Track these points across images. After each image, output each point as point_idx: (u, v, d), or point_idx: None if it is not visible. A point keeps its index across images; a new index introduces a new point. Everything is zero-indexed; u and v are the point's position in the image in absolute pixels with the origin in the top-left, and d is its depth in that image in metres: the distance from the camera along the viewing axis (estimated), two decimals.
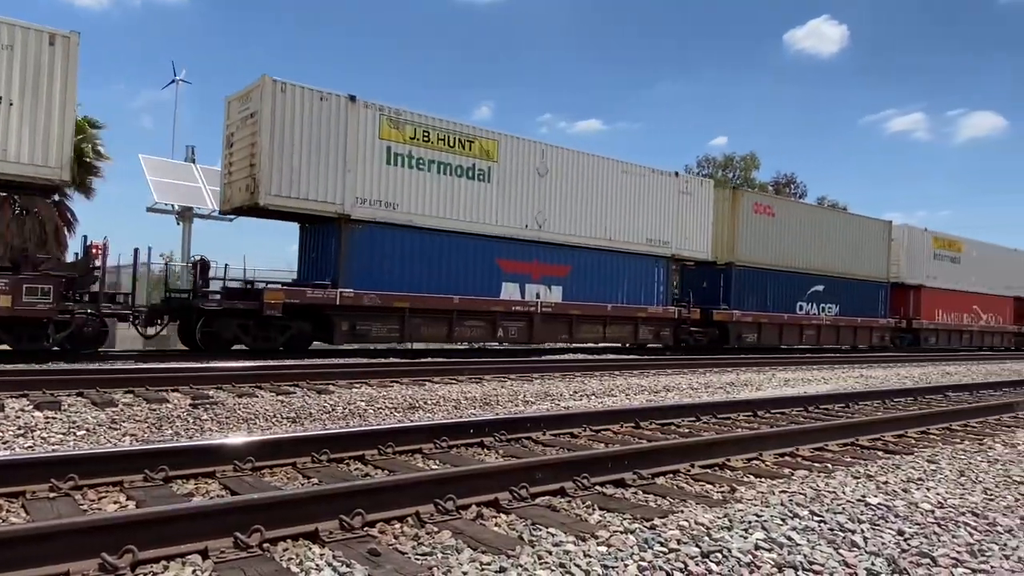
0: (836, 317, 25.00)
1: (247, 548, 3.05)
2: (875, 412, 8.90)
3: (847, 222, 26.64)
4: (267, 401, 7.67)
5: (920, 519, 3.79)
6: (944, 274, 29.88)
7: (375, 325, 14.85)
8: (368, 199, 14.71)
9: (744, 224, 22.11)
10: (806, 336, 24.03)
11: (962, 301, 30.86)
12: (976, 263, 31.55)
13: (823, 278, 24.56)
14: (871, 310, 26.58)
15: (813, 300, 24.21)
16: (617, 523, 3.64)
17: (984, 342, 32.56)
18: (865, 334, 26.47)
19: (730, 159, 49.68)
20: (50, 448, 5.20)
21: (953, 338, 30.75)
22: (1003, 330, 33.73)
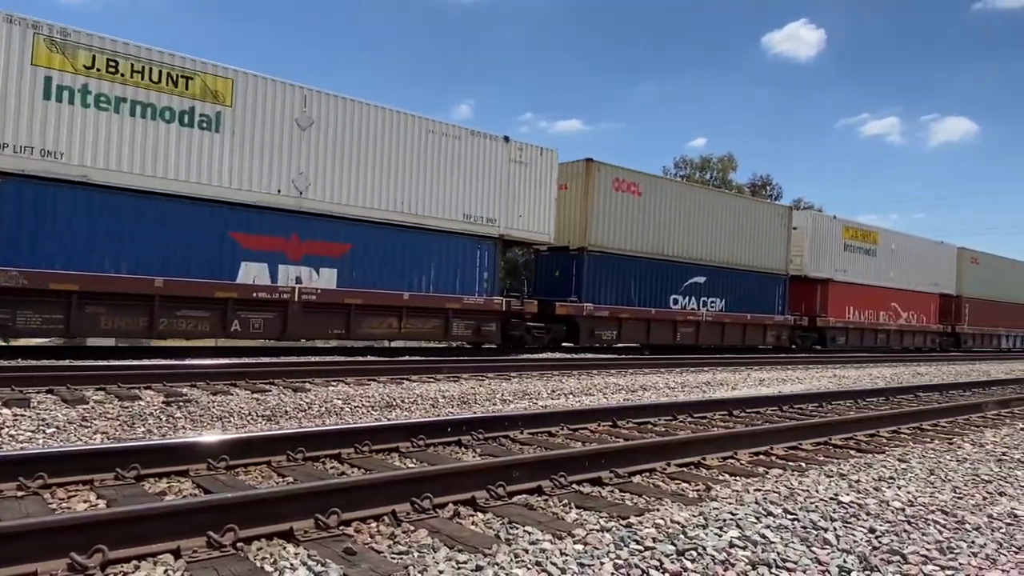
0: (720, 313, 21.69)
1: (220, 547, 3.01)
2: (848, 412, 9.02)
3: (737, 206, 22.86)
4: (242, 399, 7.59)
5: (891, 517, 3.85)
6: (857, 267, 26.81)
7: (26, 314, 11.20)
8: (12, 144, 10.98)
9: (600, 202, 18.68)
10: (682, 334, 20.71)
11: (878, 297, 28.05)
12: (895, 256, 28.80)
13: (705, 268, 21.37)
14: (765, 306, 23.28)
15: (692, 293, 21.07)
16: (593, 521, 3.66)
17: (904, 342, 29.86)
18: (757, 332, 23.09)
19: (707, 160, 50.11)
20: (18, 446, 5.10)
21: (867, 337, 27.75)
22: (926, 330, 30.95)
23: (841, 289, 26.28)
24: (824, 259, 25.72)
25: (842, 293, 26.38)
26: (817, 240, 25.38)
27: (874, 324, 28.15)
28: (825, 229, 25.95)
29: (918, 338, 30.52)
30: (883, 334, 28.61)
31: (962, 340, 32.80)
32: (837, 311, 26.22)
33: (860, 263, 27.14)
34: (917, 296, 30.28)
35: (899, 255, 29.03)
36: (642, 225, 19.63)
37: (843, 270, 26.30)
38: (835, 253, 26.02)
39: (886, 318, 28.70)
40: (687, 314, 20.84)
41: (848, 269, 26.47)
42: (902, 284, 29.24)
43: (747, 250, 22.70)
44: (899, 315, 29.32)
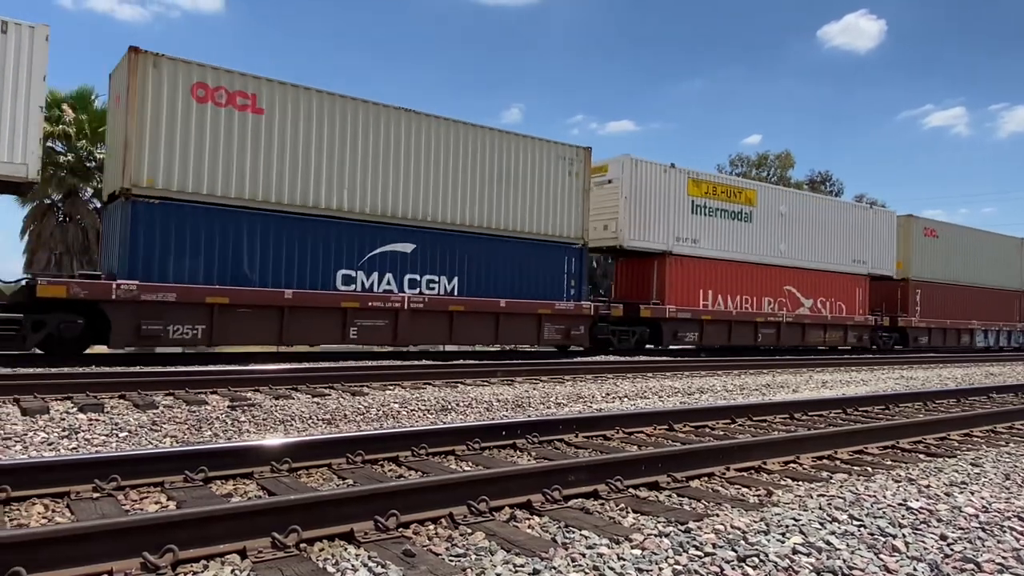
0: (445, 298, 15.34)
1: (284, 548, 3.09)
2: (916, 414, 8.70)
3: (487, 141, 16.20)
4: (303, 403, 7.77)
5: (964, 523, 3.70)
6: (716, 237, 20.42)
7: None
8: None
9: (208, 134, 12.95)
10: (356, 333, 14.24)
11: (760, 279, 21.44)
12: (788, 224, 22.26)
13: (413, 231, 15.06)
14: (541, 289, 16.86)
15: (384, 267, 14.71)
16: (651, 526, 3.62)
17: (810, 339, 22.87)
18: (528, 326, 16.50)
19: (764, 157, 49.08)
20: (93, 449, 5.33)
21: (739, 332, 20.84)
22: (847, 322, 23.77)
23: (689, 266, 19.85)
24: (657, 224, 19.30)
25: (690, 272, 19.88)
26: (643, 198, 19.04)
27: (750, 314, 21.10)
28: (657, 183, 19.35)
29: (833, 333, 23.64)
30: (768, 328, 21.56)
31: (911, 337, 26.13)
32: (681, 296, 19.60)
33: (724, 231, 20.68)
34: (831, 278, 23.55)
35: (796, 222, 22.49)
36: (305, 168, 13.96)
37: (691, 240, 19.84)
38: (677, 216, 19.67)
39: (775, 307, 21.83)
40: (375, 298, 14.44)
41: (701, 239, 20.02)
42: (803, 261, 22.61)
43: (512, 208, 16.62)
44: (798, 303, 22.44)
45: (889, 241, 25.59)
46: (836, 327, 23.81)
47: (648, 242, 19.37)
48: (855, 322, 24.37)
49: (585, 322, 17.69)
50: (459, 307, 15.67)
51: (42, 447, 5.31)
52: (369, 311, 14.49)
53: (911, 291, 26.25)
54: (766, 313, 21.77)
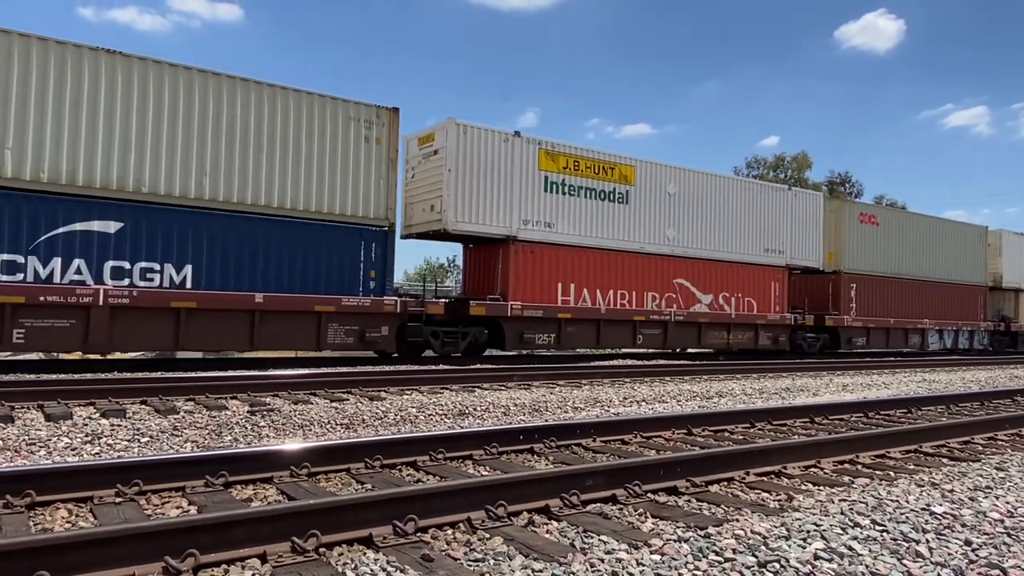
0: (168, 292, 12.21)
1: (304, 552, 3.11)
2: (939, 418, 8.59)
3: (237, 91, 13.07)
4: (322, 408, 7.82)
5: (989, 529, 3.64)
6: (580, 220, 17.32)
7: None
8: None
9: None
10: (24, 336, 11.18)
11: (641, 270, 18.33)
12: (679, 206, 19.10)
13: (119, 205, 11.95)
14: (339, 280, 14.11)
15: (76, 252, 11.63)
16: (670, 531, 3.60)
17: (709, 341, 19.73)
18: (302, 327, 13.54)
19: (781, 159, 48.75)
20: (116, 454, 5.39)
21: (611, 334, 17.80)
22: (757, 321, 20.42)
23: (543, 255, 16.77)
24: (496, 204, 16.14)
25: (544, 261, 16.78)
26: (476, 172, 15.90)
27: (626, 312, 17.94)
28: (495, 155, 16.17)
29: (740, 334, 20.28)
30: (651, 328, 18.43)
31: (844, 338, 22.69)
32: (532, 290, 16.50)
33: (592, 214, 17.62)
34: (738, 271, 20.27)
35: (689, 204, 19.38)
36: None
37: (544, 223, 16.76)
38: (524, 195, 16.52)
39: (661, 303, 18.69)
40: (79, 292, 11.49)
41: (558, 222, 16.94)
42: (700, 250, 19.50)
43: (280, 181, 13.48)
44: (693, 299, 19.34)
45: (814, 228, 22.09)
46: (743, 327, 20.35)
47: (482, 225, 16.03)
48: (769, 321, 20.80)
49: (389, 322, 14.47)
50: (189, 303, 12.34)
51: (66, 452, 5.38)
52: (44, 308, 11.18)
53: (844, 286, 22.69)
54: (648, 311, 18.36)
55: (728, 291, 20.21)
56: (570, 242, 17.35)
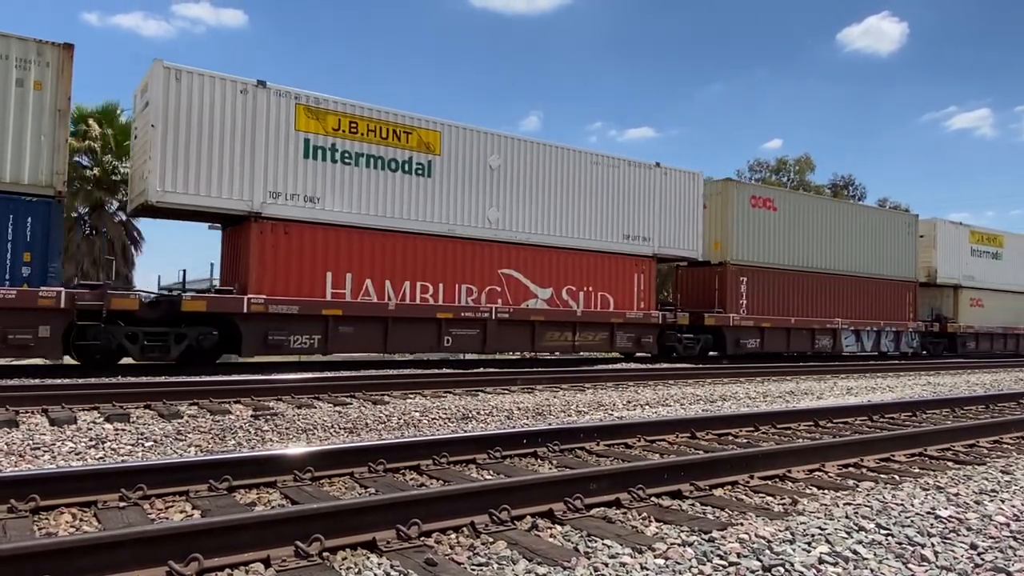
0: None
1: (307, 557, 3.11)
2: (944, 421, 8.56)
3: None
4: (325, 412, 7.82)
5: (994, 532, 3.62)
6: (360, 195, 14.35)
7: None
8: None
9: None
10: None
11: (452, 258, 15.52)
12: (505, 182, 16.25)
13: None
14: None
15: None
16: (674, 535, 3.59)
17: (547, 342, 16.78)
18: None
19: (783, 162, 48.67)
20: (120, 459, 5.40)
21: (405, 334, 14.73)
22: (613, 319, 17.55)
23: (302, 236, 13.72)
24: (228, 172, 13.04)
25: (306, 245, 13.76)
26: (197, 131, 12.83)
27: (428, 308, 14.97)
28: (227, 109, 13.05)
29: (591, 335, 17.36)
30: (464, 328, 15.42)
31: (731, 339, 19.71)
32: (287, 280, 13.55)
33: (378, 188, 14.63)
34: (589, 260, 17.47)
35: (519, 181, 16.53)
36: None
37: (303, 197, 13.74)
38: (273, 162, 13.49)
39: (479, 298, 15.76)
40: None
41: (325, 196, 13.92)
42: (535, 235, 16.61)
43: None
44: (526, 293, 16.46)
45: (692, 213, 19.21)
46: (595, 326, 17.45)
47: (204, 197, 12.84)
48: (629, 320, 17.86)
49: (50, 320, 11.44)
50: None
51: (70, 457, 5.39)
52: None
53: (731, 279, 19.77)
54: (460, 307, 15.42)
55: (575, 284, 17.36)
56: (345, 222, 14.20)
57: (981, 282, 27.19)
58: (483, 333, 15.70)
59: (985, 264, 27.48)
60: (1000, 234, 28.42)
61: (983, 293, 27.31)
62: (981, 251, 27.49)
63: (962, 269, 26.65)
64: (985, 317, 27.35)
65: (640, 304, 18.34)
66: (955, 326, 26.34)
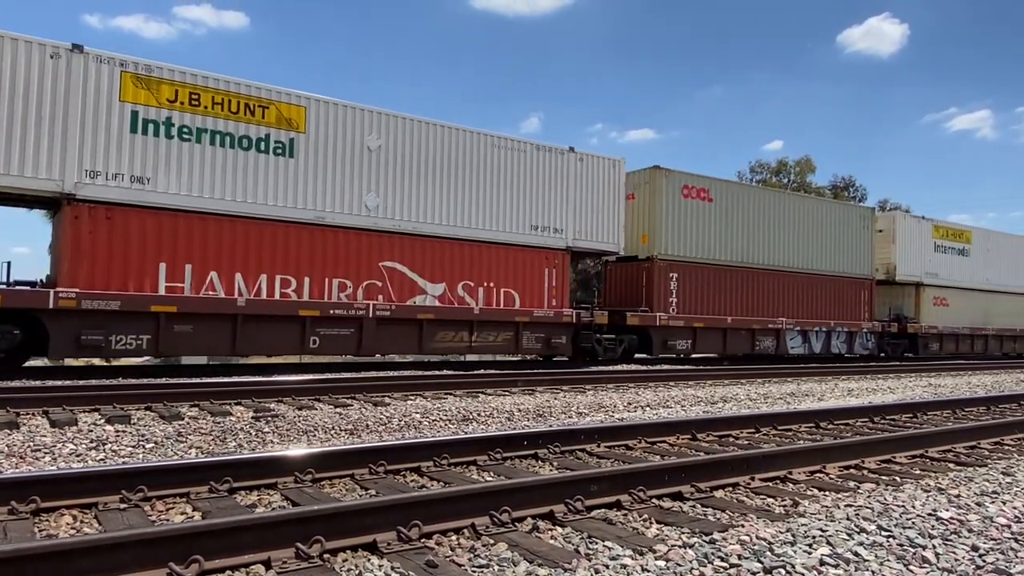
0: None
1: (308, 558, 3.10)
2: (945, 422, 8.55)
3: None
4: (326, 413, 7.82)
5: (996, 534, 3.62)
6: (201, 175, 12.65)
7: None
8: None
9: None
10: None
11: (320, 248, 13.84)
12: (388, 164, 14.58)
13: None
14: None
15: None
16: (675, 537, 3.59)
17: (439, 344, 15.17)
18: None
19: (783, 163, 48.69)
20: (120, 461, 5.40)
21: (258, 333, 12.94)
22: (517, 318, 15.96)
23: (129, 222, 12.06)
24: (36, 149, 11.38)
25: (134, 232, 12.08)
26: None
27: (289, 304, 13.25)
28: (26, 70, 11.35)
29: (494, 335, 15.83)
30: (334, 327, 13.73)
31: (658, 340, 18.17)
32: (109, 273, 11.89)
33: (228, 168, 12.93)
34: (492, 253, 15.87)
35: (404, 164, 14.80)
36: None
37: (131, 178, 12.07)
38: (95, 137, 11.82)
39: (355, 293, 14.11)
40: None
41: (158, 177, 12.26)
42: (423, 224, 14.98)
43: None
44: (413, 288, 14.81)
45: (613, 202, 17.60)
46: (497, 326, 15.82)
47: (3, 176, 11.17)
48: (537, 318, 16.26)
49: None
50: None
51: (71, 458, 5.39)
52: None
53: (659, 276, 18.18)
54: (329, 303, 13.75)
55: (474, 279, 15.65)
56: (183, 206, 12.49)
57: (946, 280, 25.53)
58: (358, 333, 14.05)
59: (951, 261, 25.78)
60: (967, 229, 26.91)
61: (948, 291, 25.64)
62: (946, 247, 25.65)
63: (924, 266, 24.89)
64: (950, 317, 25.66)
65: (552, 302, 16.72)
66: (916, 326, 24.51)
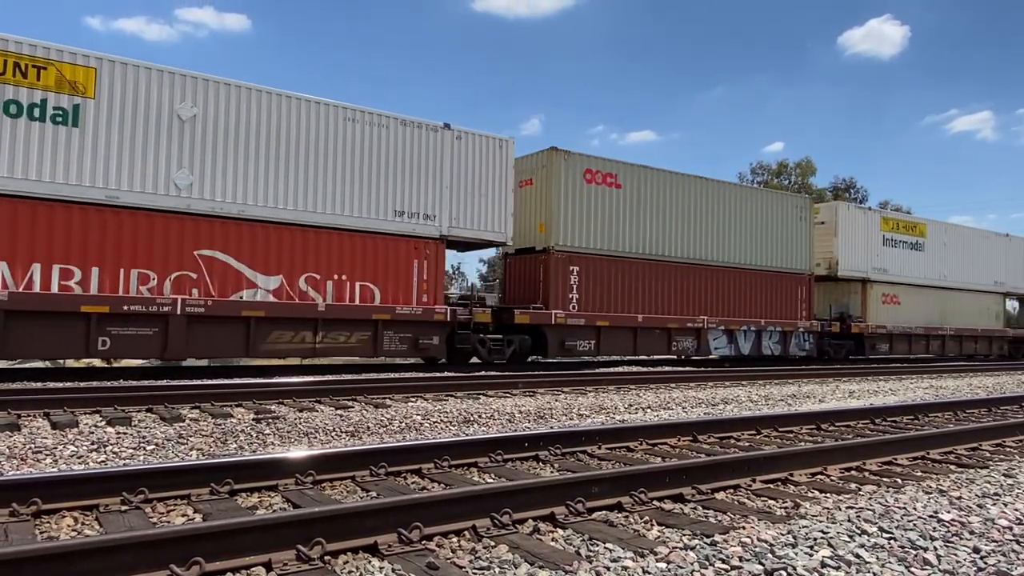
0: None
1: (309, 561, 3.10)
2: (946, 424, 8.54)
3: None
4: (327, 415, 7.81)
5: (997, 536, 3.61)
6: None
7: None
8: None
9: None
10: None
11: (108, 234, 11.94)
12: (204, 137, 12.68)
13: None
14: None
15: None
16: (676, 539, 3.58)
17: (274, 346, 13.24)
18: None
19: (784, 165, 48.72)
20: (121, 463, 5.40)
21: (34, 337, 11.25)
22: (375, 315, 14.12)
23: None
24: None
25: None
26: None
27: (71, 299, 11.49)
28: None
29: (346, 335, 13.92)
30: (137, 326, 11.93)
31: (554, 341, 16.33)
32: None
33: None
34: (340, 241, 13.94)
35: (225, 135, 12.93)
36: None
37: None
38: None
39: (161, 286, 12.29)
40: None
41: None
42: (253, 208, 13.09)
43: None
44: (239, 282, 12.93)
45: (499, 186, 15.85)
46: (350, 324, 13.92)
47: None
48: (401, 316, 14.35)
49: None
50: None
51: (72, 460, 5.39)
52: None
53: (556, 269, 16.42)
54: (125, 298, 11.84)
55: (320, 271, 13.70)
56: None
57: (897, 276, 23.66)
58: (163, 333, 12.03)
59: (902, 256, 23.97)
60: (921, 222, 25.27)
61: (899, 288, 23.82)
62: (897, 241, 23.92)
63: (872, 261, 22.96)
64: (902, 316, 23.81)
65: (422, 297, 14.79)
66: (862, 326, 22.58)
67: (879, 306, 23.25)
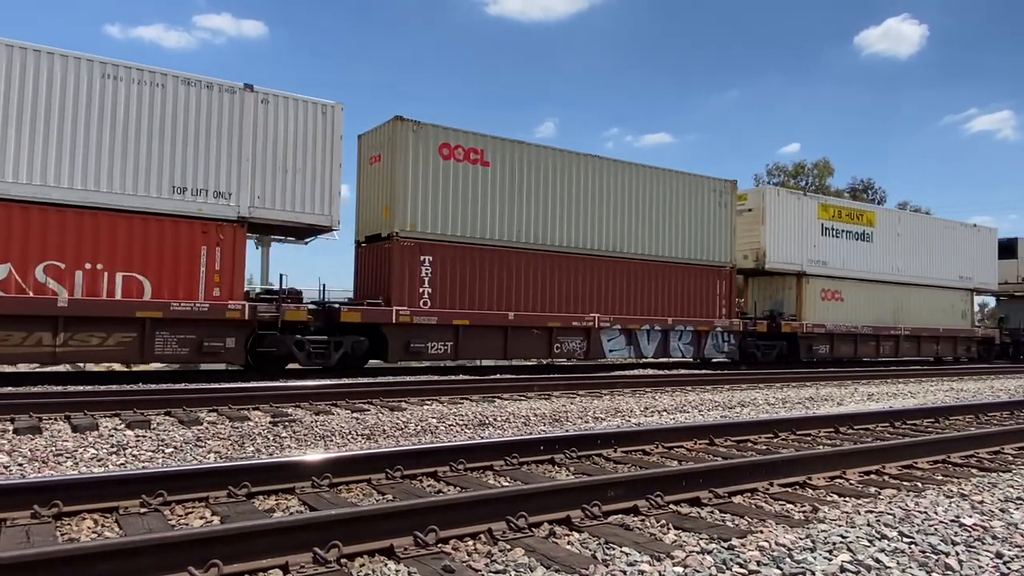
0: None
1: (325, 563, 3.11)
2: (967, 427, 8.44)
3: None
4: (343, 418, 7.85)
5: (1020, 541, 3.56)
6: None
7: None
8: None
9: None
10: None
11: None
12: None
13: None
14: None
15: None
16: (693, 543, 3.56)
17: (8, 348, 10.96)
18: None
19: (801, 166, 48.38)
20: (140, 465, 5.45)
21: None
22: (141, 311, 11.78)
23: None
24: None
25: None
26: None
27: None
28: None
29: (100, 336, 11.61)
30: None
31: (396, 344, 14.21)
32: None
33: None
34: (93, 221, 11.67)
35: None
36: None
37: None
38: None
39: None
40: None
41: None
42: None
43: None
44: None
45: (324, 163, 13.68)
46: (105, 323, 11.63)
47: None
48: (178, 313, 12.09)
49: None
50: None
51: (92, 463, 5.45)
52: None
53: (403, 258, 14.24)
54: None
55: (66, 260, 11.45)
56: None
57: (838, 269, 21.32)
58: None
59: (846, 247, 21.57)
60: (869, 210, 23.16)
61: (843, 283, 21.47)
62: (839, 230, 21.47)
63: (808, 252, 20.65)
64: (845, 314, 21.43)
65: (213, 292, 12.49)
66: (795, 325, 20.20)
67: (817, 303, 20.94)
